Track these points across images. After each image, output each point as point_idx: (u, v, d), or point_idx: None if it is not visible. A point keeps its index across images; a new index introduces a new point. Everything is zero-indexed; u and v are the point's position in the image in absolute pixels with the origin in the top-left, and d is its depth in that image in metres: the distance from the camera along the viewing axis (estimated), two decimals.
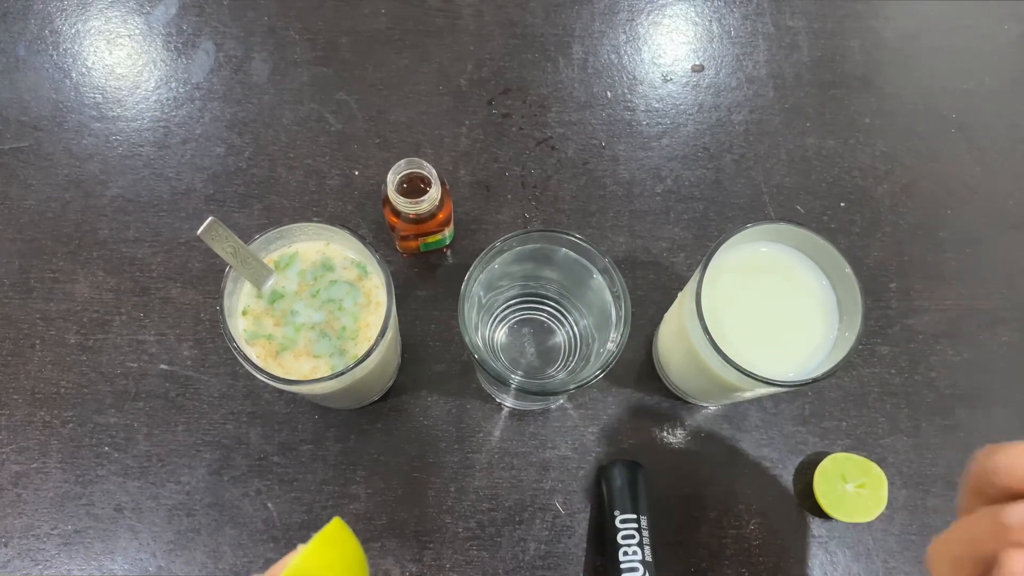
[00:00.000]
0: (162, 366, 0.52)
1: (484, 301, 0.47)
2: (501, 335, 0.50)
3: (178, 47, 0.61)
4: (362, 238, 0.41)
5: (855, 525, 0.51)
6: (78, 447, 0.50)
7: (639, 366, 0.54)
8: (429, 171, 0.47)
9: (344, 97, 0.60)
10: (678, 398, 0.53)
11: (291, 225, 0.42)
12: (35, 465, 0.50)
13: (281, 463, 0.50)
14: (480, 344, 0.45)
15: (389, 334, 0.41)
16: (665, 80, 0.62)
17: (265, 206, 0.56)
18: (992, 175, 0.60)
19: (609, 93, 0.61)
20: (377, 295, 0.43)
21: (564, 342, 0.49)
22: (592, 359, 0.44)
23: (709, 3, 0.65)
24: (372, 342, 0.39)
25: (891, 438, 0.53)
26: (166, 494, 0.49)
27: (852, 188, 0.59)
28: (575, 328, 0.48)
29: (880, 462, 0.51)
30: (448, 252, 0.56)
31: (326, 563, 0.29)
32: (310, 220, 0.42)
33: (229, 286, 0.40)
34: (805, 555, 0.50)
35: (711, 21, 0.64)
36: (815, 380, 0.40)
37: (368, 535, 0.49)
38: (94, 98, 0.59)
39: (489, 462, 0.51)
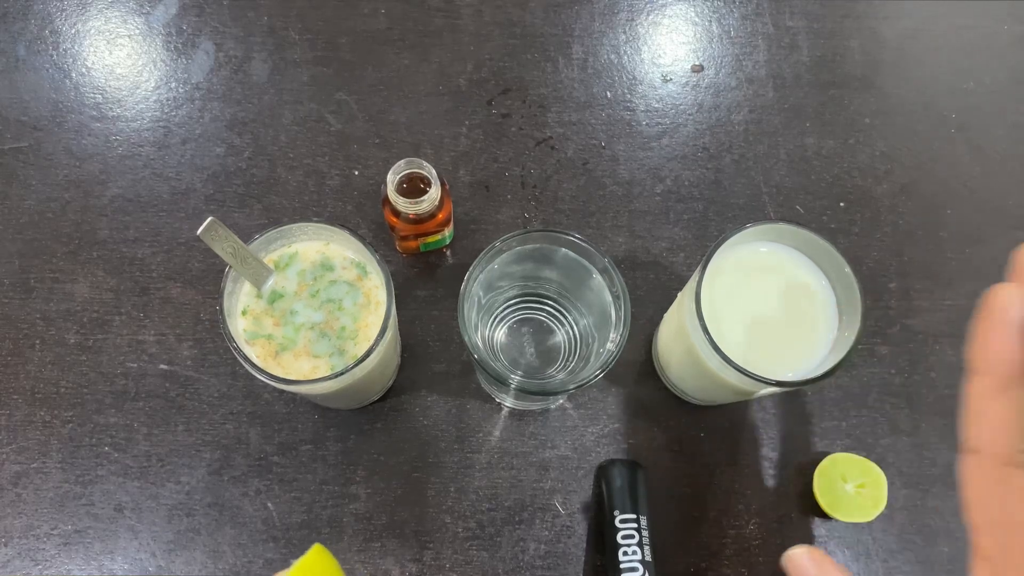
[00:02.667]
0: (162, 366, 0.52)
1: (484, 301, 0.47)
2: (501, 335, 0.50)
3: (178, 47, 0.61)
4: (362, 238, 0.41)
5: (855, 525, 0.51)
6: (78, 447, 0.50)
7: (639, 366, 0.54)
8: (429, 171, 0.47)
9: (344, 97, 0.60)
10: (678, 398, 0.53)
11: (291, 225, 0.42)
12: (35, 465, 0.50)
13: (281, 463, 0.50)
14: (480, 344, 0.45)
15: (389, 334, 0.41)
16: (665, 80, 0.62)
17: (265, 206, 0.56)
18: (992, 175, 0.60)
19: (609, 93, 0.61)
20: (377, 295, 0.43)
21: (564, 342, 0.49)
22: (592, 359, 0.44)
23: (709, 3, 0.65)
24: (372, 342, 0.39)
25: (891, 438, 0.53)
26: (166, 494, 0.50)
27: (852, 188, 0.59)
28: (575, 328, 0.48)
29: (880, 462, 0.51)
30: (448, 252, 0.56)
31: None
32: (310, 220, 0.42)
33: (229, 286, 0.40)
34: None
35: (711, 21, 0.64)
36: (815, 380, 0.40)
37: (368, 535, 0.49)
38: (94, 98, 0.59)
39: (489, 462, 0.51)
